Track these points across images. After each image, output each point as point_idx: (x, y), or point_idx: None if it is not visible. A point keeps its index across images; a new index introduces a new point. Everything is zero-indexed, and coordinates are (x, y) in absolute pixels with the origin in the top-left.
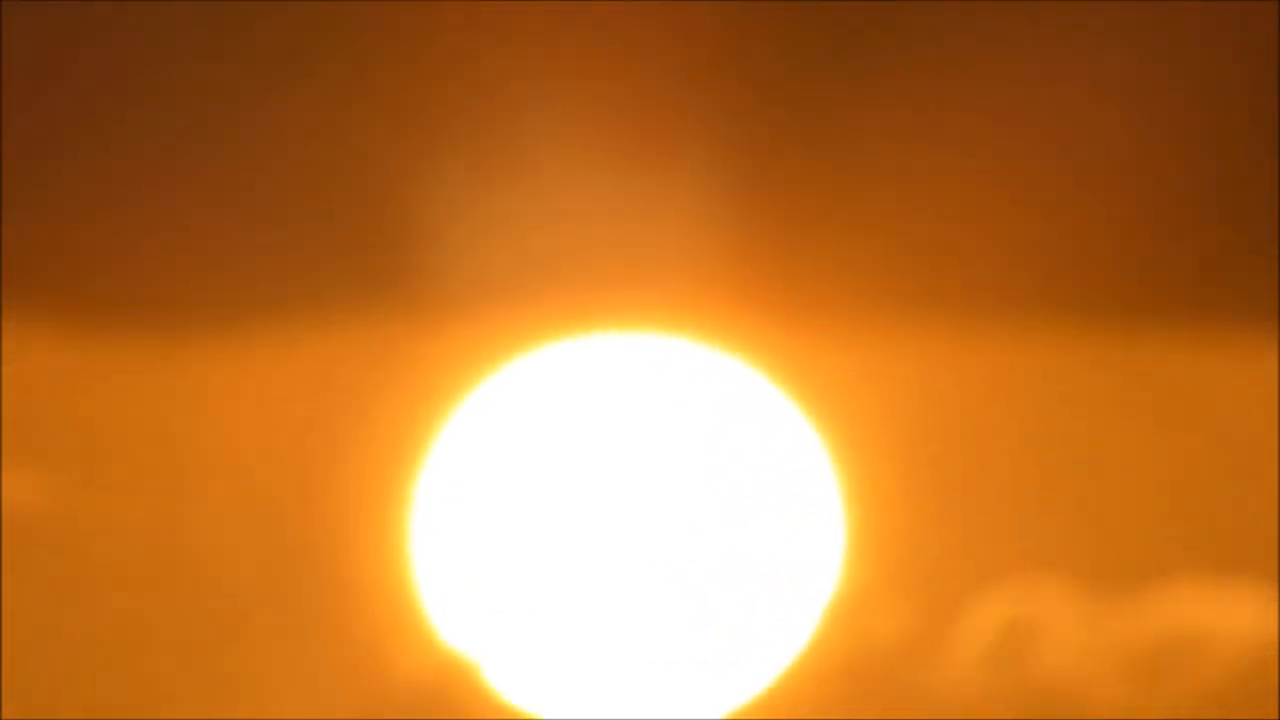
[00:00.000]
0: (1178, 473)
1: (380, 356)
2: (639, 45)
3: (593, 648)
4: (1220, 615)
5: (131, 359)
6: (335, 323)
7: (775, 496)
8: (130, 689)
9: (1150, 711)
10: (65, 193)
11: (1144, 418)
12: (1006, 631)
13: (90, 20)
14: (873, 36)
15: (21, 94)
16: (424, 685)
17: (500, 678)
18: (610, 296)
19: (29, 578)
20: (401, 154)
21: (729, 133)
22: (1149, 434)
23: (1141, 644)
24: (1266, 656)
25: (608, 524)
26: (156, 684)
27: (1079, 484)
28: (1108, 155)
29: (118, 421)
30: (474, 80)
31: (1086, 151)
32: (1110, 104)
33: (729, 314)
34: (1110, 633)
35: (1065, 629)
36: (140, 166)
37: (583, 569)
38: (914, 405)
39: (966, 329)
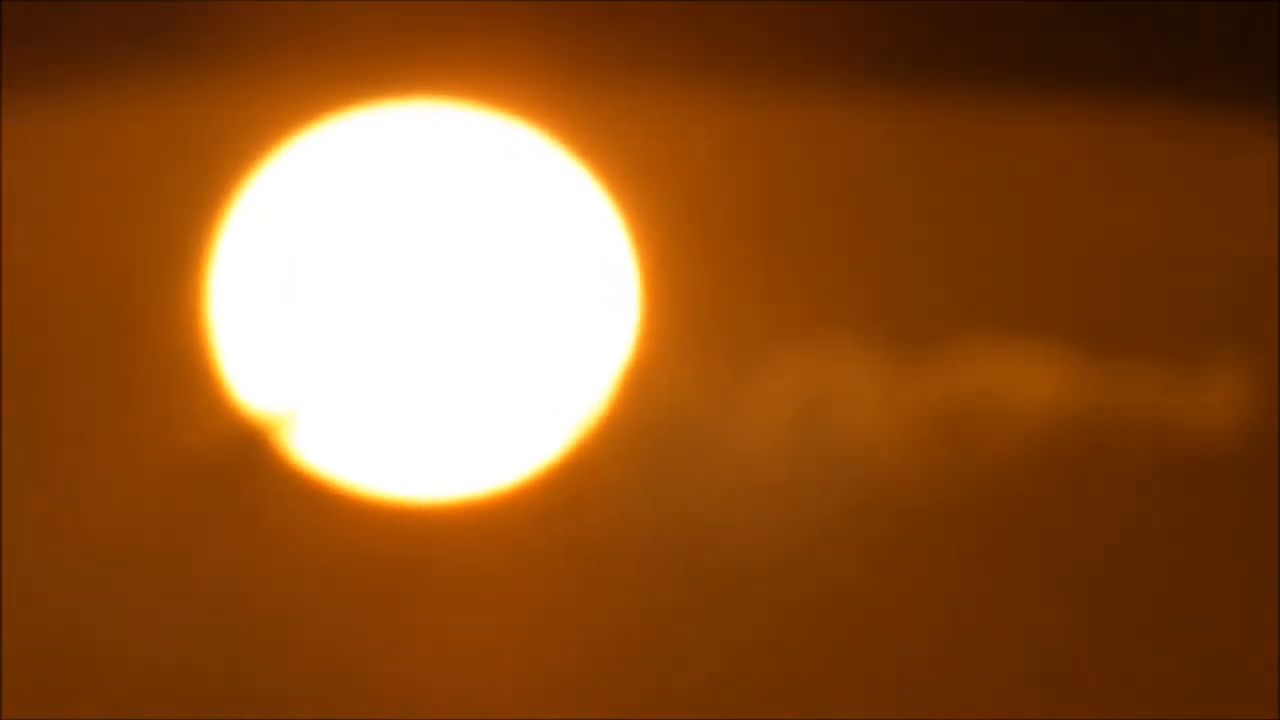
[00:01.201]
0: (982, 231)
1: (175, 119)
2: None
3: (390, 414)
4: (1022, 378)
5: None
6: (131, 83)
7: (567, 262)
8: None
9: (952, 475)
10: None
11: (940, 174)
12: (806, 396)
13: None
14: None
15: None
16: (224, 452)
17: (300, 444)
18: (405, 62)
19: None
20: None
21: None
22: (946, 190)
23: (945, 406)
24: (1068, 421)
25: (403, 292)
26: None
27: (883, 243)
28: None
29: None
30: None
31: None
32: None
33: (519, 81)
34: (910, 395)
35: (866, 392)
36: None
37: (379, 337)
38: (709, 166)
39: (763, 89)
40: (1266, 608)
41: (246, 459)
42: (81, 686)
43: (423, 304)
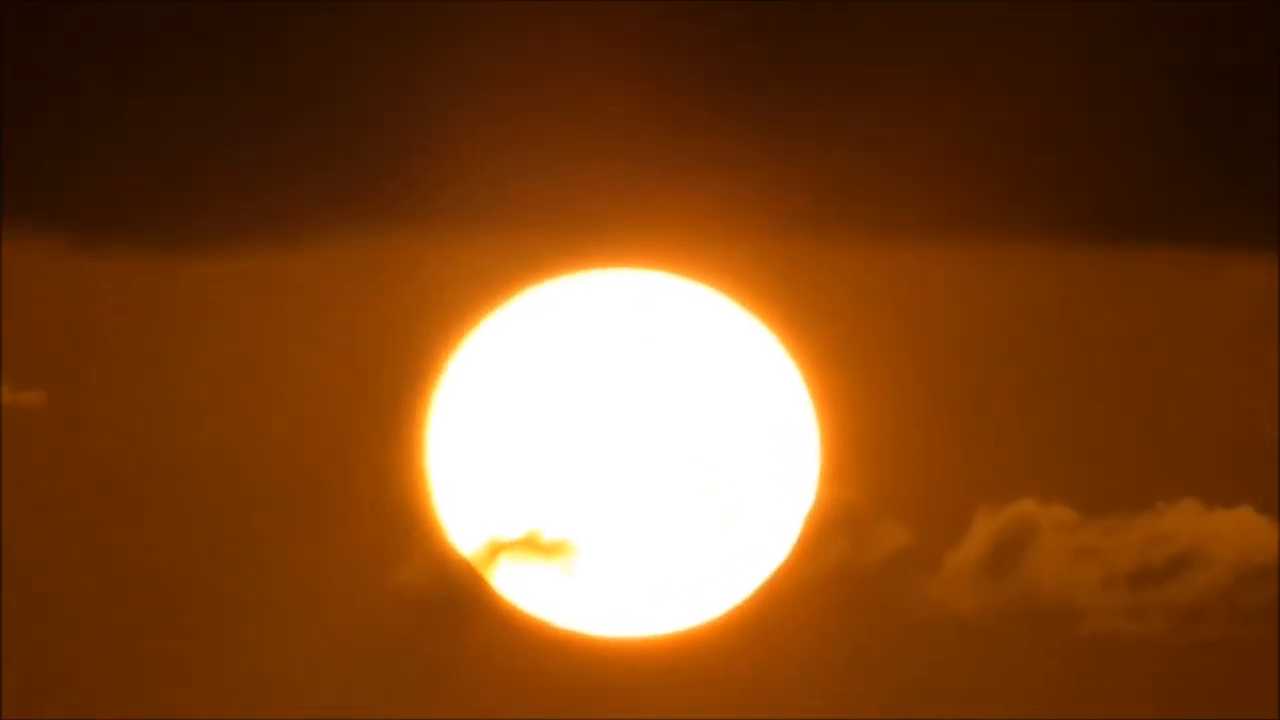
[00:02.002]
0: (1161, 390)
1: (396, 274)
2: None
3: (590, 557)
4: (1210, 535)
5: (152, 269)
6: (355, 240)
7: (754, 417)
8: (145, 589)
9: (1141, 626)
10: (66, 105)
11: (1130, 340)
12: (995, 546)
13: None
14: None
15: (24, 6)
16: (435, 589)
17: (507, 584)
18: (603, 234)
19: (32, 480)
20: (424, 89)
21: (701, 84)
22: (1128, 356)
23: (1131, 560)
24: (1255, 576)
25: (603, 443)
26: (171, 578)
27: (1053, 401)
28: (1088, 91)
29: (125, 332)
30: (491, 22)
31: (1065, 87)
32: (1104, 48)
33: (704, 247)
34: (1100, 548)
35: (1055, 544)
36: (144, 79)
37: (581, 484)
38: (895, 325)
39: (948, 249)
40: None
41: (457, 597)
42: None
43: (620, 455)
